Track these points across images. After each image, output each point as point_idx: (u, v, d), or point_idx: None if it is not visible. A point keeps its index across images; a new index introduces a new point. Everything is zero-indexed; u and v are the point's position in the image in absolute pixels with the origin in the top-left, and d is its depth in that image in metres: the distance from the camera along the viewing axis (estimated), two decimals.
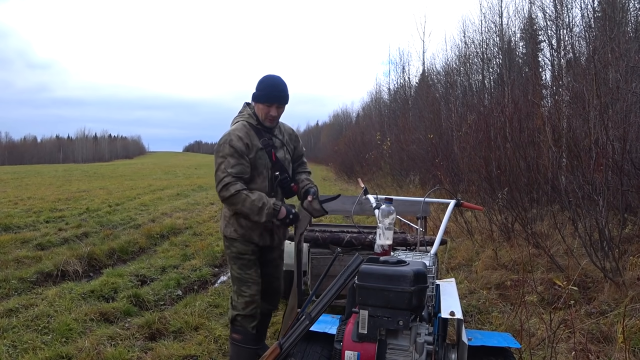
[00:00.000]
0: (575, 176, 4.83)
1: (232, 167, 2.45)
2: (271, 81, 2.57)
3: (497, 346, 1.86)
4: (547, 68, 11.35)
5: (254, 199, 2.42)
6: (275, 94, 2.55)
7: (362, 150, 21.09)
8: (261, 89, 2.56)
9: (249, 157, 2.52)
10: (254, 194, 2.45)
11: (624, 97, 5.28)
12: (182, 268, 5.44)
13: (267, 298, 2.81)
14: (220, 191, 2.46)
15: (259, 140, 2.58)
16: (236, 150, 2.47)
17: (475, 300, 4.17)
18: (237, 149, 2.47)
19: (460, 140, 9.68)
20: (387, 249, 2.17)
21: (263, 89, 2.55)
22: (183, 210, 10.47)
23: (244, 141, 2.50)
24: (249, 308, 2.60)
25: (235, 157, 2.47)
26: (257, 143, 2.57)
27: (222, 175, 2.45)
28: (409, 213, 4.45)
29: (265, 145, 2.58)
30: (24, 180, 21.15)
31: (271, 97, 2.54)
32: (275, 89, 2.55)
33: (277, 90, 2.55)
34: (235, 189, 2.42)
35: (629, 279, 3.95)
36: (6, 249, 6.00)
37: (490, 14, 13.44)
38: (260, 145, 2.57)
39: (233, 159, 2.46)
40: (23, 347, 3.15)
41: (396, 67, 28.60)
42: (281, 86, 2.57)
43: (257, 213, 2.43)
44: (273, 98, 2.54)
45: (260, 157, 2.57)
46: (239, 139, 2.49)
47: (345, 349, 1.73)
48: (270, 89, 2.55)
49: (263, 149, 2.58)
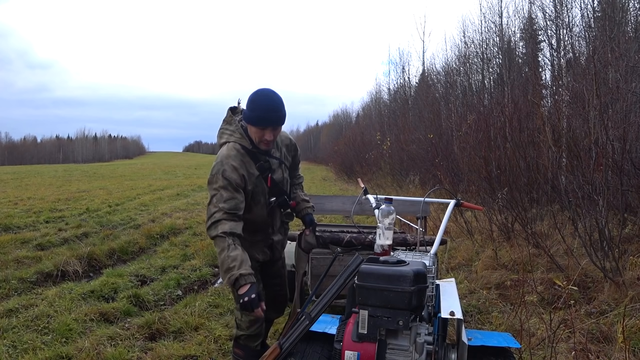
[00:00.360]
0: (575, 176, 4.83)
1: (225, 201, 2.17)
2: (264, 101, 2.21)
3: (497, 346, 1.86)
4: (547, 68, 11.37)
5: (230, 256, 2.11)
6: (270, 117, 2.21)
7: (362, 150, 21.09)
8: (253, 109, 2.21)
9: (247, 189, 2.28)
10: (235, 249, 2.13)
11: (624, 97, 5.28)
12: (182, 268, 5.44)
13: (274, 307, 2.72)
14: (208, 228, 2.19)
15: (256, 167, 2.31)
16: (230, 183, 2.20)
17: (475, 300, 4.17)
18: (232, 181, 2.20)
19: (460, 140, 9.68)
20: (387, 249, 2.17)
21: (255, 110, 2.20)
22: (183, 210, 10.47)
23: (239, 172, 2.24)
24: (253, 327, 2.47)
25: (228, 190, 2.19)
26: (254, 171, 2.31)
27: (213, 210, 2.18)
28: (409, 213, 4.45)
29: (262, 171, 2.33)
30: (24, 180, 21.15)
31: (265, 119, 2.21)
32: (270, 111, 2.21)
33: (272, 112, 2.21)
34: (223, 231, 2.13)
35: (629, 278, 3.95)
36: (6, 249, 6.00)
37: (490, 14, 13.46)
38: (257, 172, 2.32)
39: (226, 192, 2.19)
40: (23, 347, 3.15)
41: (396, 67, 28.65)
42: (276, 106, 2.23)
43: (223, 270, 2.14)
44: (267, 121, 2.21)
45: (257, 185, 2.33)
46: (233, 170, 2.22)
47: (345, 349, 1.73)
48: (264, 110, 2.19)
49: (260, 175, 2.33)
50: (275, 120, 2.24)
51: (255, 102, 2.22)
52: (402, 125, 16.50)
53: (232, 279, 2.09)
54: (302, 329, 1.81)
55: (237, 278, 2.08)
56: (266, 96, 2.23)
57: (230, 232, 2.15)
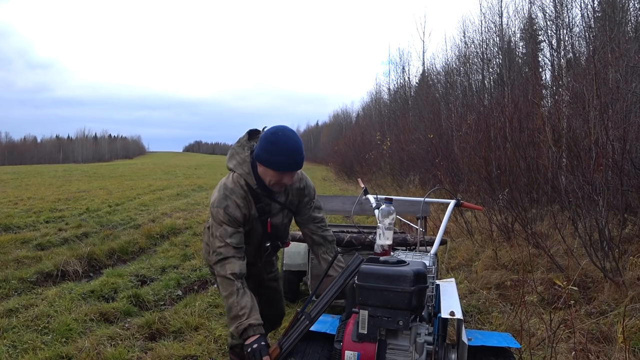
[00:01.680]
0: (575, 176, 4.83)
1: (230, 236, 2.10)
2: (287, 146, 2.03)
3: (497, 346, 1.86)
4: (547, 68, 11.37)
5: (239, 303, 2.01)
6: (292, 162, 2.06)
7: (362, 150, 21.10)
8: (274, 153, 2.02)
9: (245, 227, 2.20)
10: (245, 294, 2.04)
11: (624, 97, 5.28)
12: (182, 268, 5.44)
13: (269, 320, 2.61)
14: (216, 263, 2.09)
15: (256, 208, 2.21)
16: (231, 219, 2.11)
17: (475, 300, 4.17)
18: (234, 217, 2.12)
19: (460, 140, 9.68)
20: (387, 249, 2.17)
21: (277, 155, 2.03)
22: (183, 210, 10.47)
23: (242, 211, 2.15)
24: None
25: (232, 226, 2.12)
26: (254, 212, 2.21)
27: (218, 244, 2.09)
28: (409, 213, 4.45)
29: (261, 214, 2.22)
30: (24, 180, 21.15)
31: (287, 165, 2.06)
32: (292, 156, 2.04)
33: (295, 156, 2.05)
34: (232, 272, 2.05)
35: (629, 279, 3.95)
36: (6, 249, 6.00)
37: (490, 14, 13.47)
38: (256, 214, 2.22)
39: (230, 228, 2.11)
40: (23, 347, 3.15)
41: (396, 67, 28.59)
42: (298, 150, 2.06)
43: (229, 317, 2.05)
44: (292, 166, 2.07)
45: (254, 227, 2.24)
46: (236, 208, 2.13)
47: (345, 349, 1.73)
48: (287, 155, 2.03)
49: (259, 217, 2.23)
50: (296, 165, 2.09)
51: (277, 145, 2.03)
52: (402, 125, 16.51)
53: (240, 329, 1.98)
54: (302, 329, 1.81)
55: (246, 328, 1.98)
56: (289, 139, 2.05)
57: (239, 274, 2.06)
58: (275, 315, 2.71)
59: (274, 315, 2.70)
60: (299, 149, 2.07)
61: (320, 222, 2.41)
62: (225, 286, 2.05)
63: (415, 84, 20.29)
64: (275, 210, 2.28)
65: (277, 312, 2.73)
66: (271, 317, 2.68)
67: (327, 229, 2.43)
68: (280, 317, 2.78)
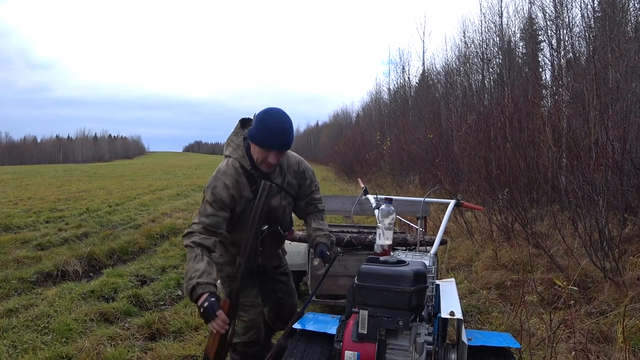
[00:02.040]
0: (575, 176, 4.83)
1: (207, 216, 2.13)
2: (273, 122, 2.11)
3: (497, 346, 1.86)
4: (547, 68, 11.37)
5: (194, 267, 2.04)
6: (277, 140, 2.11)
7: (362, 150, 21.08)
8: (260, 128, 2.10)
9: (235, 210, 2.21)
10: (201, 260, 2.05)
11: (624, 97, 5.28)
12: (182, 268, 5.44)
13: (282, 318, 2.62)
14: (183, 236, 2.17)
15: (250, 190, 2.22)
16: (216, 200, 2.14)
17: (475, 300, 4.17)
18: (219, 198, 2.15)
19: (460, 140, 9.68)
20: (387, 249, 2.17)
21: (262, 130, 2.10)
22: (183, 210, 10.47)
23: (229, 191, 2.17)
24: (249, 333, 2.41)
25: (213, 207, 2.14)
26: (248, 193, 2.21)
27: (194, 220, 2.15)
28: (409, 213, 4.45)
29: (256, 195, 2.19)
30: (24, 180, 21.15)
31: (272, 142, 2.11)
32: (278, 134, 2.10)
33: (280, 134, 2.11)
34: (192, 241, 2.09)
35: (629, 279, 3.95)
36: (6, 249, 6.00)
37: (490, 14, 13.46)
38: (250, 195, 2.21)
39: (210, 208, 2.14)
40: (23, 347, 3.15)
41: (396, 67, 28.58)
42: (285, 130, 2.12)
43: (185, 280, 2.07)
44: (274, 143, 2.12)
45: (248, 209, 2.23)
46: (224, 188, 2.16)
47: (345, 349, 1.73)
48: (272, 132, 2.09)
49: (253, 199, 2.20)
50: (282, 144, 2.13)
51: (264, 122, 2.11)
52: (402, 125, 16.50)
53: (188, 288, 2.00)
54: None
55: (194, 286, 1.99)
56: (276, 117, 2.12)
57: (199, 243, 2.09)
58: (287, 313, 2.63)
59: (286, 313, 2.63)
60: (286, 130, 2.12)
61: (319, 202, 2.54)
62: (188, 252, 2.10)
63: (415, 84, 20.28)
64: (273, 191, 2.26)
65: (289, 310, 2.65)
66: (283, 315, 2.64)
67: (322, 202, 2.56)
68: (291, 315, 2.67)
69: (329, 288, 3.63)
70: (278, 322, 2.66)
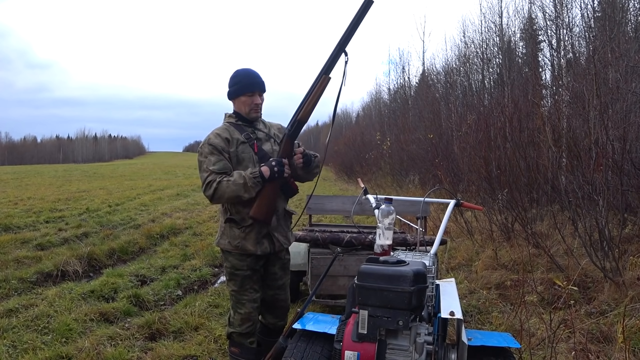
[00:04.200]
0: (575, 176, 4.82)
1: (214, 164, 2.36)
2: (246, 71, 2.48)
3: (497, 346, 1.86)
4: (547, 68, 11.37)
5: (234, 179, 2.30)
6: (255, 81, 2.46)
7: (362, 150, 21.08)
8: (238, 81, 2.46)
9: (230, 151, 2.42)
10: (232, 175, 2.33)
11: (624, 97, 5.28)
12: (182, 268, 5.44)
13: (273, 312, 2.69)
14: (205, 190, 2.36)
15: (242, 135, 2.46)
16: (215, 147, 2.39)
17: (475, 300, 4.17)
18: (216, 145, 2.39)
19: (460, 140, 9.68)
20: (387, 249, 2.17)
21: (241, 80, 2.45)
22: (183, 210, 10.47)
23: (222, 136, 2.42)
24: (244, 325, 2.50)
25: (215, 154, 2.38)
26: (239, 137, 2.45)
27: (204, 175, 2.37)
28: (409, 213, 4.46)
29: (247, 139, 2.45)
30: (24, 180, 21.15)
31: (252, 84, 2.44)
32: (253, 76, 2.46)
33: (256, 77, 2.47)
34: (216, 182, 2.31)
35: (629, 279, 3.95)
36: (6, 249, 6.00)
37: (490, 14, 13.47)
38: (242, 138, 2.45)
39: (213, 157, 2.37)
40: (23, 347, 3.15)
41: (396, 67, 28.63)
42: (257, 74, 2.49)
43: (244, 190, 2.29)
44: (255, 85, 2.44)
45: (244, 151, 2.44)
46: (216, 136, 2.42)
47: (345, 349, 1.73)
48: (249, 78, 2.45)
49: (246, 142, 2.45)
50: (260, 84, 2.47)
51: (239, 75, 2.47)
52: (402, 125, 16.49)
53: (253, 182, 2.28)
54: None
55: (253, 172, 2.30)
56: (247, 69, 2.49)
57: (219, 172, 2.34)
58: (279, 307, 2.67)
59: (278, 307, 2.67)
60: (257, 74, 2.48)
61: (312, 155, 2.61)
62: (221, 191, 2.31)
63: (415, 84, 20.28)
64: (261, 136, 2.53)
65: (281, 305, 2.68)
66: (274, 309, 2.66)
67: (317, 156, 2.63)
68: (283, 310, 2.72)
69: (329, 288, 3.63)
70: (269, 315, 2.68)
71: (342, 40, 2.25)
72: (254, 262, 2.49)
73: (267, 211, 2.37)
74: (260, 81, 2.47)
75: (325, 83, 2.29)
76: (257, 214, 2.34)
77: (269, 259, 2.57)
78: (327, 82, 2.30)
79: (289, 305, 2.75)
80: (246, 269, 2.48)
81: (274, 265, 2.60)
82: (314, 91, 2.31)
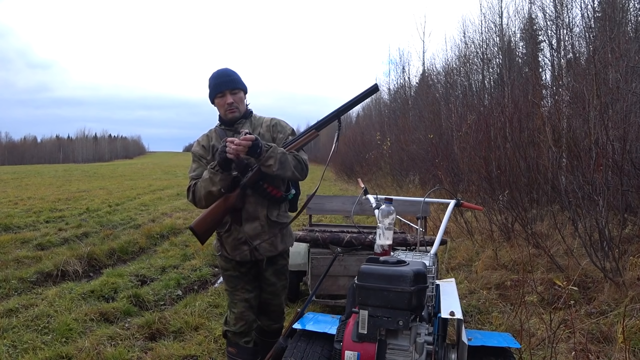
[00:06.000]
0: (575, 176, 4.83)
1: (193, 171, 2.45)
2: (215, 73, 2.46)
3: (497, 346, 1.86)
4: (547, 68, 11.36)
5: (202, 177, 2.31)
6: (222, 80, 2.42)
7: (362, 150, 21.07)
8: (209, 85, 2.45)
9: (208, 158, 2.44)
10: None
11: (624, 97, 5.27)
12: (182, 268, 5.44)
13: (267, 315, 2.66)
14: (187, 196, 2.43)
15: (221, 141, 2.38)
16: (194, 154, 2.49)
17: (475, 300, 4.17)
18: (195, 153, 2.49)
19: (460, 140, 9.67)
20: (387, 249, 2.17)
21: (210, 83, 2.44)
22: (183, 210, 10.48)
23: (201, 144, 2.48)
24: (238, 325, 2.50)
25: (195, 162, 2.47)
26: (217, 144, 2.40)
27: (189, 183, 2.44)
28: (409, 213, 4.46)
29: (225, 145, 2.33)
30: (24, 180, 21.15)
31: (219, 85, 2.41)
32: (221, 76, 2.43)
33: (223, 76, 2.43)
34: (192, 185, 2.38)
35: (629, 279, 3.95)
36: (6, 249, 6.00)
37: (490, 14, 13.45)
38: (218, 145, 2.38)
39: (194, 164, 2.47)
40: (23, 347, 3.15)
41: (396, 67, 28.62)
42: (227, 72, 2.45)
43: (211, 184, 2.26)
44: (221, 85, 2.41)
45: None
46: (197, 144, 2.51)
47: (345, 349, 1.73)
48: (216, 79, 2.43)
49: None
50: (228, 82, 2.41)
51: (211, 77, 2.46)
52: (402, 125, 16.48)
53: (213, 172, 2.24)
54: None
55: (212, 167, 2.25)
56: (218, 70, 2.48)
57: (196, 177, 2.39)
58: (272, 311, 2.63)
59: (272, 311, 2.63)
60: (228, 72, 2.45)
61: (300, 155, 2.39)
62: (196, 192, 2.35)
63: (415, 84, 20.27)
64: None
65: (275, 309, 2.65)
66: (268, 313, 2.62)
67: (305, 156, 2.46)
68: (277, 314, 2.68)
69: (329, 288, 3.63)
70: (263, 317, 2.67)
71: (340, 110, 2.32)
72: (239, 266, 2.49)
73: (208, 227, 2.29)
74: (228, 79, 2.42)
75: (312, 137, 2.35)
76: (196, 226, 2.29)
77: (257, 264, 2.52)
78: (315, 137, 2.36)
79: (283, 310, 2.72)
80: (232, 270, 2.50)
81: (266, 270, 2.54)
82: (301, 139, 2.35)
